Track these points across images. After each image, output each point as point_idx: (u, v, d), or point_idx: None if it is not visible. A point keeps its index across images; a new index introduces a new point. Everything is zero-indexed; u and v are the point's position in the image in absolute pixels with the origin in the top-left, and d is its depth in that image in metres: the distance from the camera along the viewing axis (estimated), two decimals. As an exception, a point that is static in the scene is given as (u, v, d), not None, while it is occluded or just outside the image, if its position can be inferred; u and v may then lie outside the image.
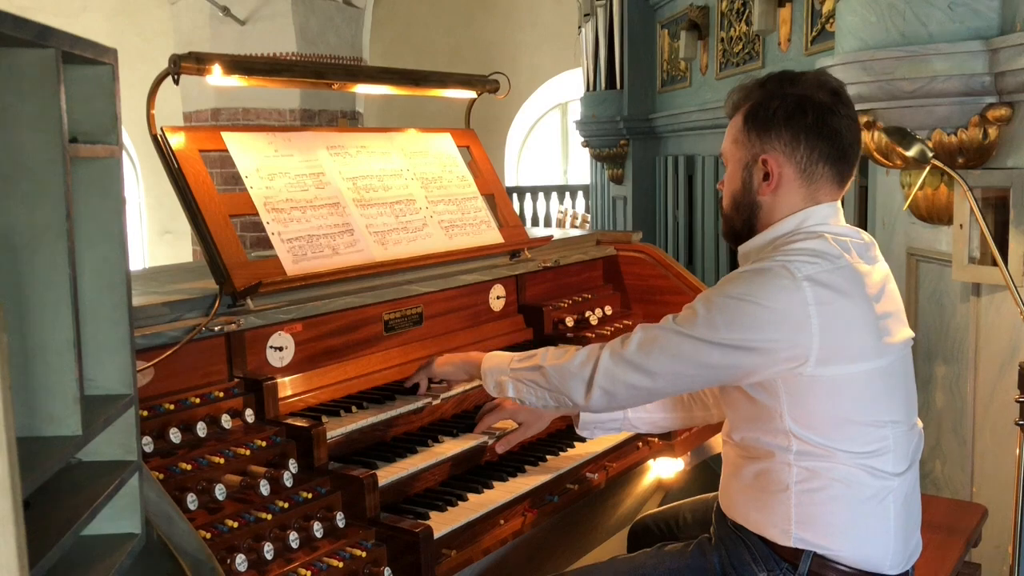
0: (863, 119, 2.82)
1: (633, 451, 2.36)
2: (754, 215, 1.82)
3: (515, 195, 11.29)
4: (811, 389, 1.66)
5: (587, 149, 7.82)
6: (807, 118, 1.75)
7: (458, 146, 2.70)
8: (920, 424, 1.85)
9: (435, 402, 2.17)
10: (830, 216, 1.79)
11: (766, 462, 1.73)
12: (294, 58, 6.62)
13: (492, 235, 2.59)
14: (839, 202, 1.82)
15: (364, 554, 1.67)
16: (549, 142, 13.20)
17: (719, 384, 1.77)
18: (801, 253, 1.67)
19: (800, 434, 1.68)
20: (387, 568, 1.68)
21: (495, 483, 2.04)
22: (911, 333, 1.83)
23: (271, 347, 2.01)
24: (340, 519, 1.73)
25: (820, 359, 1.63)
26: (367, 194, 2.33)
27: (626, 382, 1.74)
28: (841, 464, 1.68)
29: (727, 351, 1.65)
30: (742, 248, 1.86)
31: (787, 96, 1.77)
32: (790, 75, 1.81)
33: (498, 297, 2.61)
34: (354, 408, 2.04)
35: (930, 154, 2.36)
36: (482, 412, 2.18)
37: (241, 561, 1.54)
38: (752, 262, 1.73)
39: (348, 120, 6.85)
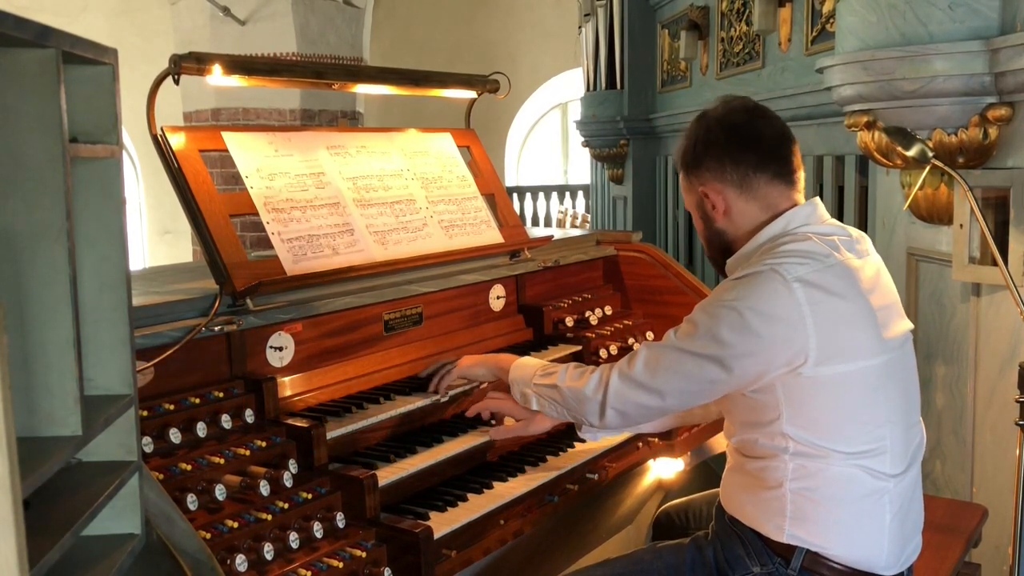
0: (863, 119, 2.82)
1: (633, 451, 2.36)
2: (724, 242, 1.90)
3: (515, 195, 11.27)
4: (810, 390, 1.67)
5: (587, 149, 7.81)
6: (720, 140, 1.83)
7: (458, 146, 2.70)
8: (922, 422, 1.85)
9: (444, 399, 2.18)
10: (811, 215, 1.81)
11: (763, 461, 1.75)
12: (294, 58, 6.62)
13: (492, 235, 2.59)
14: (817, 198, 1.85)
15: (364, 554, 1.67)
16: (549, 142, 13.19)
17: (725, 394, 1.78)
18: (790, 255, 1.69)
19: (796, 436, 1.70)
20: (387, 568, 1.68)
21: (495, 483, 2.04)
22: (910, 325, 1.85)
23: (271, 347, 2.01)
24: (340, 519, 1.73)
25: (818, 359, 1.64)
26: (367, 194, 2.33)
27: (636, 402, 1.79)
28: (836, 464, 1.69)
29: (728, 364, 1.67)
30: (729, 261, 1.88)
31: (700, 131, 1.87)
32: (702, 113, 1.92)
33: (498, 297, 2.61)
34: (354, 408, 2.04)
35: (930, 154, 2.36)
36: (483, 401, 2.19)
37: (241, 561, 1.54)
38: (741, 269, 1.75)
39: (348, 120, 6.85)
